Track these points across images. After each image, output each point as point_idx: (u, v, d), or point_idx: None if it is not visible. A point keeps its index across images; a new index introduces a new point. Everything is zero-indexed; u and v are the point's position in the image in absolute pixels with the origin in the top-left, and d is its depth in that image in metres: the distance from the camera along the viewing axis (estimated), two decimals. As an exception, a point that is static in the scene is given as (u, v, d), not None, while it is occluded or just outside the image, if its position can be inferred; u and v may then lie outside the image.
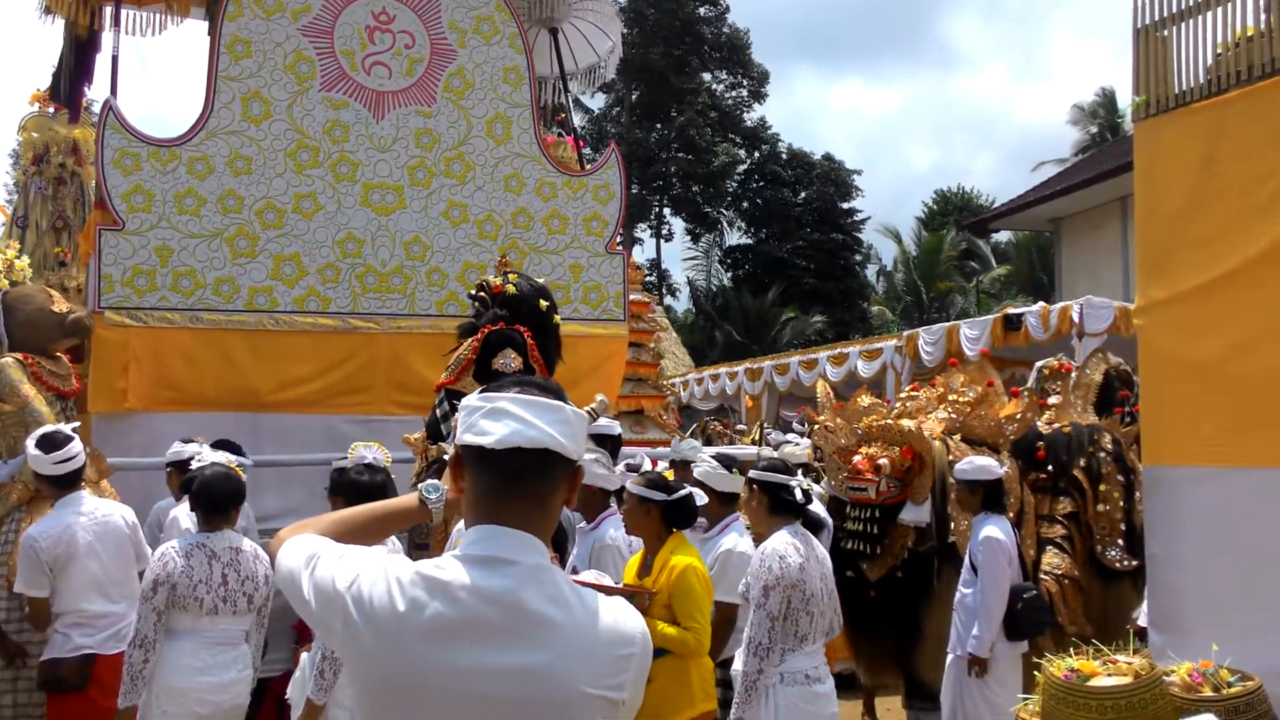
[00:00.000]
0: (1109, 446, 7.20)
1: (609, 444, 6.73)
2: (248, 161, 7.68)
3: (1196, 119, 4.95)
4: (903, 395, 7.44)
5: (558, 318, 6.61)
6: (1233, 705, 3.96)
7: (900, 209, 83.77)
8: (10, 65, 65.21)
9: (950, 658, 6.06)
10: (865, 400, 7.44)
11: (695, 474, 5.92)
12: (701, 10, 37.75)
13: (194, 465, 4.96)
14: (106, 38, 9.50)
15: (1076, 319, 10.95)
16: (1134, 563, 6.69)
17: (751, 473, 4.64)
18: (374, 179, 7.96)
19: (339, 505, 4.39)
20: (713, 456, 5.82)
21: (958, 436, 6.89)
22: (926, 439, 6.63)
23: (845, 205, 37.71)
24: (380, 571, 1.79)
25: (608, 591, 4.31)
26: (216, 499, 4.64)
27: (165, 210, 7.49)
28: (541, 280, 6.89)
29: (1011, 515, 6.68)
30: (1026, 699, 4.51)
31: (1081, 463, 7.10)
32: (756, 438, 11.79)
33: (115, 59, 8.51)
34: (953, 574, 6.46)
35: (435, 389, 6.46)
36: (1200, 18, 4.98)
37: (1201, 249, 4.90)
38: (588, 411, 6.59)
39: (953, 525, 6.57)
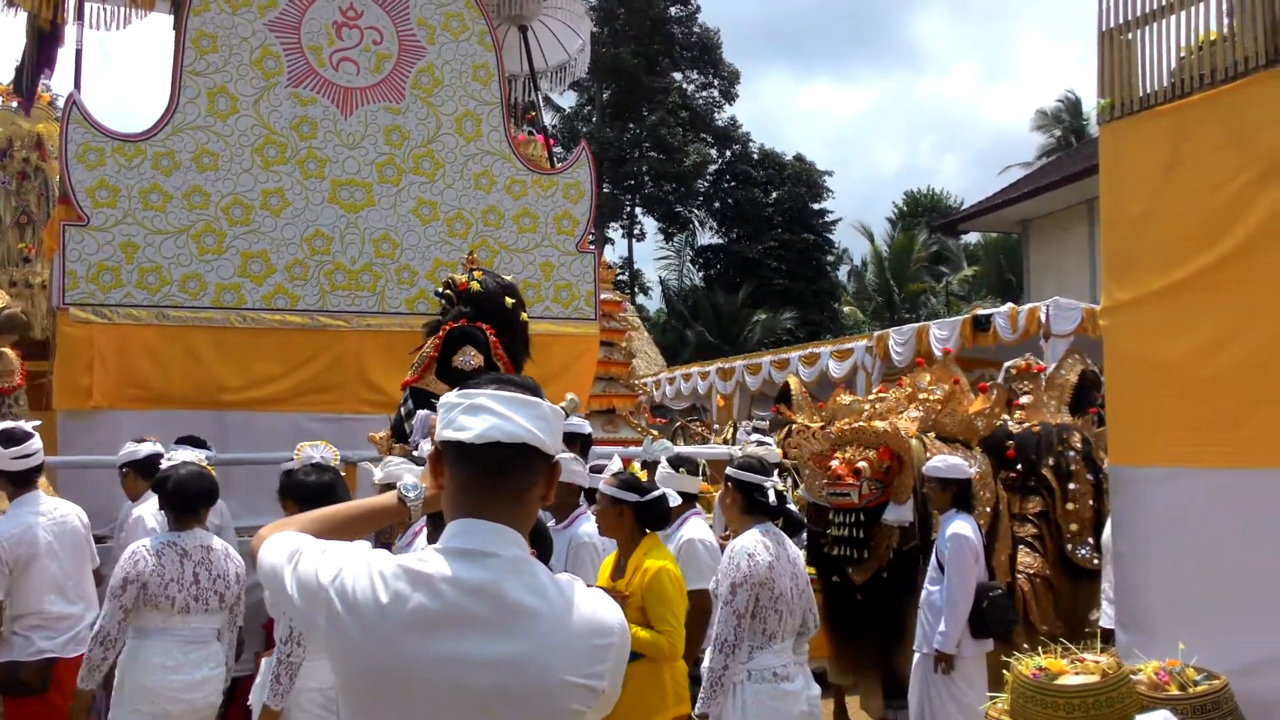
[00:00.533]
0: (1078, 445, 7.27)
1: (579, 442, 6.72)
2: (214, 157, 7.61)
3: (1161, 122, 4.99)
4: (871, 396, 7.44)
5: (525, 315, 6.59)
6: (1199, 704, 4.00)
7: (867, 210, 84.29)
8: (-26, 59, 64.39)
9: (917, 656, 6.09)
10: (846, 399, 7.44)
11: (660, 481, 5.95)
12: (672, 10, 37.76)
13: (165, 464, 4.89)
14: (70, 31, 9.40)
15: (1044, 320, 11.03)
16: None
17: (728, 470, 4.62)
18: (342, 176, 7.91)
19: (289, 507, 4.33)
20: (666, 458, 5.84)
21: (932, 434, 6.92)
22: (904, 438, 6.65)
23: (816, 206, 37.83)
24: (363, 565, 1.82)
25: None
26: (189, 498, 4.62)
27: (130, 206, 7.41)
28: (510, 278, 6.86)
29: (987, 511, 6.73)
30: (995, 697, 4.53)
31: (1050, 461, 7.18)
32: (729, 437, 11.80)
33: (79, 52, 8.45)
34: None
35: (400, 387, 6.42)
36: (1164, 21, 5.01)
37: (1165, 250, 4.94)
38: (559, 409, 6.61)
39: (935, 522, 6.59)
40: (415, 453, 5.67)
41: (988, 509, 6.81)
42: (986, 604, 5.94)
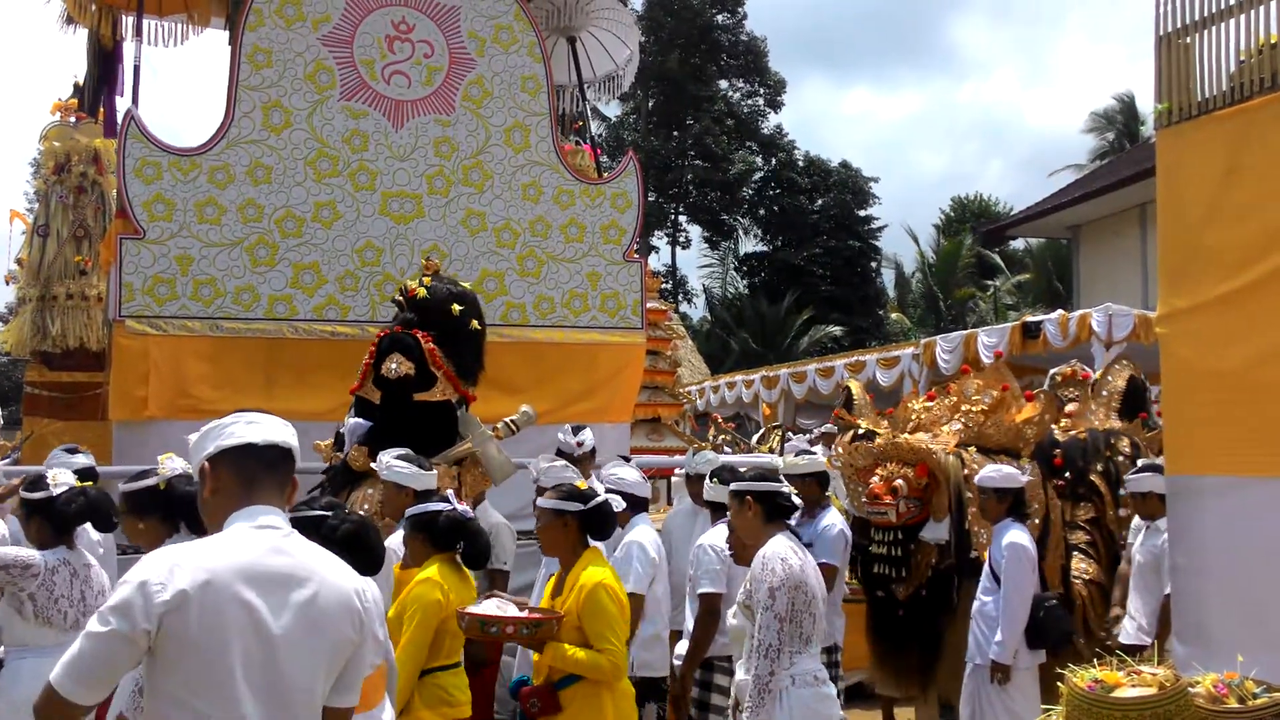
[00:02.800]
0: (1127, 450, 7.20)
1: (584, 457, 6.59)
2: (268, 170, 7.71)
3: (1219, 126, 4.92)
4: (916, 406, 7.35)
5: (476, 324, 6.52)
6: (1258, 717, 3.93)
7: (911, 216, 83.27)
8: (33, 75, 65.78)
9: (970, 667, 6.03)
10: (916, 404, 7.35)
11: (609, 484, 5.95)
12: (719, 18, 37.77)
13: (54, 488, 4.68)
14: (127, 47, 9.58)
15: (1096, 327, 10.90)
16: None
17: (738, 485, 4.45)
18: (393, 188, 7.98)
19: (152, 523, 4.13)
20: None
21: (973, 449, 6.83)
22: (939, 455, 6.56)
23: (862, 212, 37.62)
24: (163, 558, 2.28)
25: (507, 622, 4.20)
26: (72, 517, 4.57)
27: (186, 219, 7.52)
28: (466, 286, 6.82)
29: (1037, 521, 6.65)
30: (1049, 710, 4.48)
31: (1099, 468, 7.09)
32: (775, 446, 11.77)
33: (137, 68, 8.59)
34: (973, 589, 6.41)
35: (349, 394, 6.42)
36: (1223, 25, 4.95)
37: (1224, 257, 4.87)
38: (509, 422, 6.52)
39: (975, 540, 6.54)
40: (373, 465, 5.52)
41: (1037, 520, 6.73)
42: (1042, 614, 5.88)
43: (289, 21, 7.84)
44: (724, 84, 38.84)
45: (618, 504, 4.79)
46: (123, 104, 10.60)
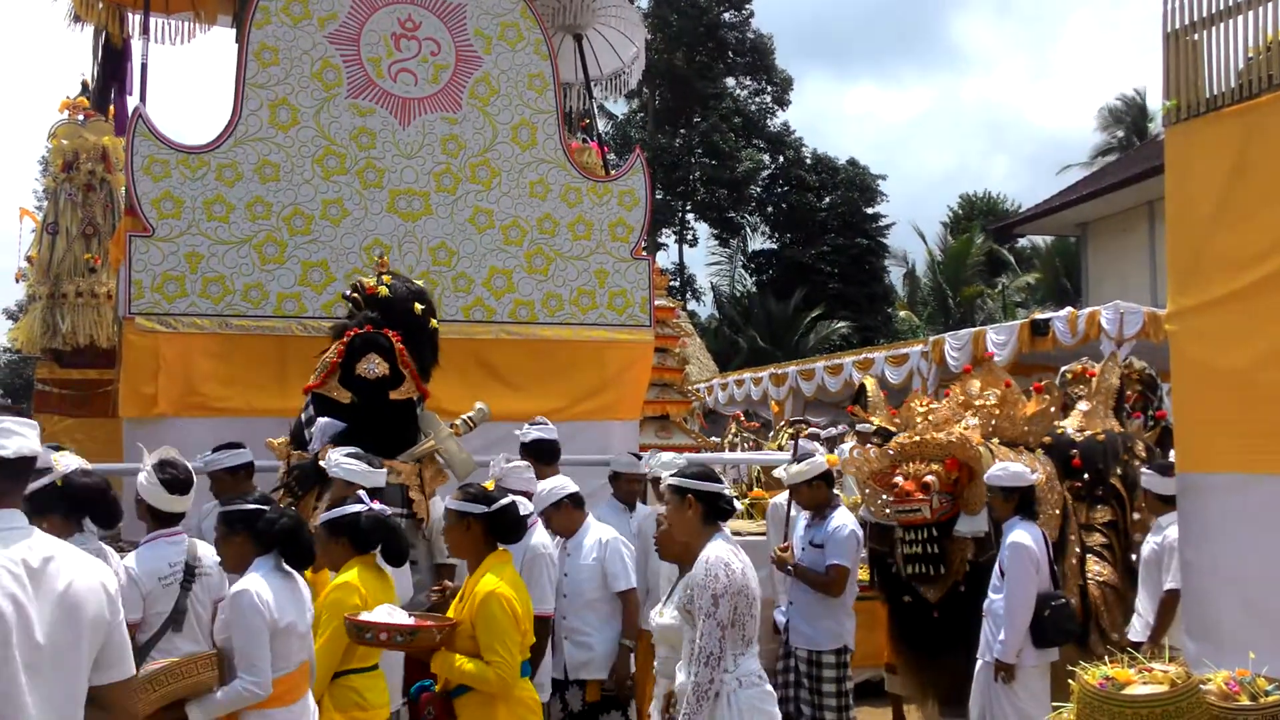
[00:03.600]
0: (1143, 454, 7.18)
1: (533, 452, 6.56)
2: (276, 168, 7.72)
3: (1228, 123, 4.91)
4: (921, 410, 7.27)
5: (434, 322, 6.53)
6: (1271, 714, 3.92)
7: (917, 213, 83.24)
8: (41, 73, 65.97)
9: (979, 664, 6.04)
10: (919, 405, 7.24)
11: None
12: (725, 16, 37.74)
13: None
14: (135, 45, 9.60)
15: (1105, 324, 10.87)
16: None
17: (680, 481, 4.30)
18: (400, 185, 7.99)
19: (54, 521, 4.09)
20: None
21: (995, 440, 6.82)
22: (972, 447, 6.50)
23: (870, 210, 37.57)
24: None
25: (381, 629, 4.17)
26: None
27: (194, 217, 7.54)
28: (421, 284, 6.79)
29: (1056, 514, 6.62)
30: (1061, 707, 4.47)
31: (1118, 470, 7.03)
32: (783, 444, 11.75)
33: (144, 66, 8.60)
34: None
35: (303, 392, 6.37)
36: (1231, 21, 4.94)
37: (1234, 255, 4.86)
38: (465, 420, 6.50)
39: None
40: (323, 463, 5.53)
41: (1056, 511, 6.68)
42: (1048, 613, 5.86)
43: (295, 19, 7.85)
44: (731, 81, 38.81)
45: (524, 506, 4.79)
46: (132, 103, 10.65)
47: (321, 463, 5.76)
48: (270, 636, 4.04)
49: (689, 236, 39.92)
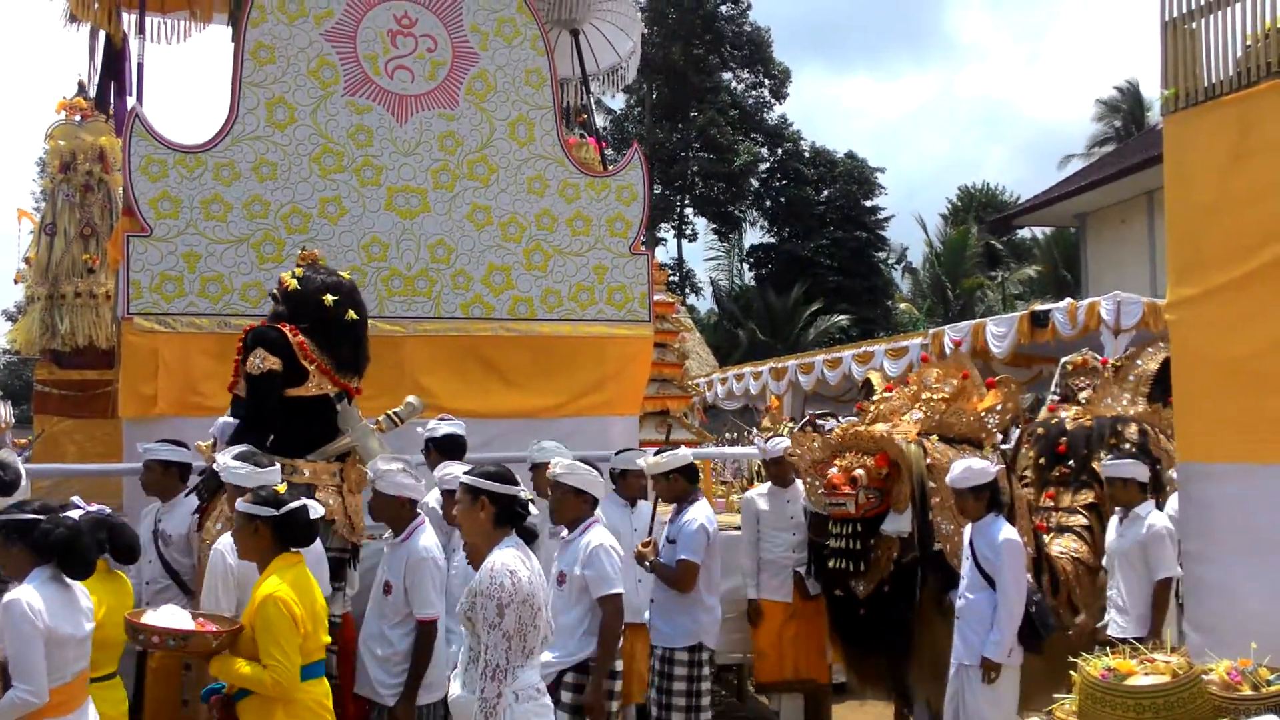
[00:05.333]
0: (1133, 437, 7.05)
1: (435, 447, 6.47)
2: (273, 167, 7.71)
3: (1226, 112, 4.90)
4: (875, 398, 7.23)
5: (353, 314, 6.26)
6: (1273, 703, 3.92)
7: (913, 204, 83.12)
8: (38, 73, 65.88)
9: (955, 667, 5.89)
10: (875, 395, 7.27)
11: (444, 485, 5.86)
12: (722, 9, 37.71)
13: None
14: (131, 44, 9.59)
15: (1105, 315, 10.87)
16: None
17: (473, 480, 4.12)
18: (398, 183, 7.98)
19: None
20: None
21: (934, 437, 6.65)
22: (900, 444, 6.39)
23: (869, 203, 37.57)
24: None
25: (154, 632, 4.13)
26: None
27: (192, 216, 7.53)
28: (345, 275, 6.54)
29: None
30: (1062, 699, 4.48)
31: (1102, 455, 6.99)
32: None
33: (140, 66, 8.59)
34: (937, 584, 6.29)
35: (228, 390, 6.30)
36: (1229, 9, 4.93)
37: (1233, 243, 4.86)
38: (392, 414, 6.40)
39: (939, 532, 6.36)
40: (217, 466, 5.35)
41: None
42: (1033, 609, 5.81)
43: (291, 17, 7.83)
44: (728, 75, 38.77)
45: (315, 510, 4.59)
46: (130, 103, 10.64)
47: (201, 462, 5.72)
48: (46, 646, 3.98)
49: (688, 231, 39.94)
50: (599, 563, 5.10)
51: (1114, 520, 6.64)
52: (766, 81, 39.09)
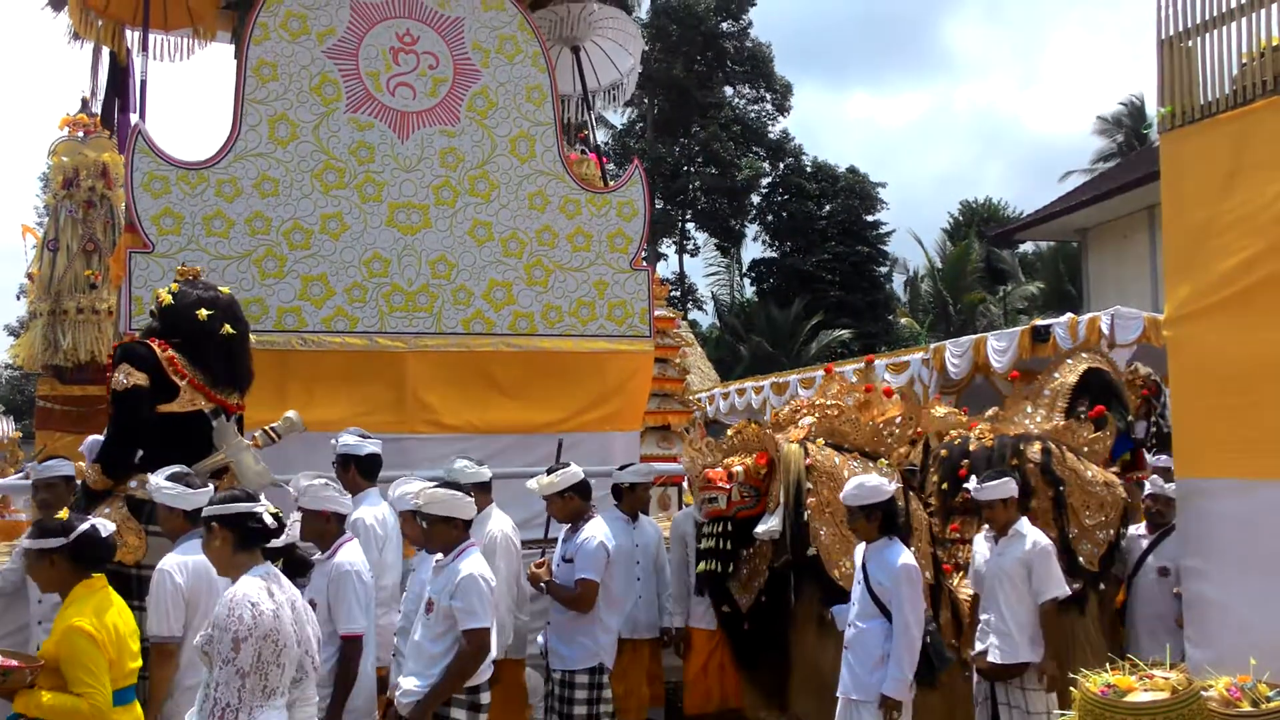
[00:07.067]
0: (1036, 458, 6.53)
1: (354, 464, 6.25)
2: (275, 183, 7.74)
3: (1223, 129, 4.93)
4: (786, 406, 7.09)
5: (229, 328, 6.12)
6: (1271, 721, 3.92)
7: (913, 219, 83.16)
8: (42, 90, 66.13)
9: (843, 701, 5.46)
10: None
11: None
12: (724, 25, 37.83)
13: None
14: (134, 62, 9.63)
15: (1105, 330, 10.86)
16: (1075, 585, 6.17)
17: (207, 510, 3.93)
18: (399, 199, 8.01)
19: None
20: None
21: (821, 440, 6.39)
22: (776, 439, 6.16)
23: (870, 218, 37.61)
24: None
25: None
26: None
27: (194, 232, 7.56)
28: (224, 290, 6.40)
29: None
30: (1062, 714, 4.47)
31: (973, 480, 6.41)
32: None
33: (144, 83, 8.63)
34: (814, 591, 6.04)
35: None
36: (1225, 28, 4.96)
37: (1229, 259, 4.88)
38: (269, 430, 6.32)
39: (815, 537, 6.05)
40: (149, 487, 5.16)
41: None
42: (930, 639, 5.43)
43: (294, 35, 7.88)
44: (730, 90, 38.88)
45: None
46: (133, 120, 10.69)
47: (89, 483, 5.61)
48: None
49: (689, 246, 39.96)
50: (468, 595, 4.82)
51: (981, 539, 6.24)
52: (768, 96, 39.17)
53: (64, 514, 4.40)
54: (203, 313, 6.04)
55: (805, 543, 6.04)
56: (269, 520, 3.89)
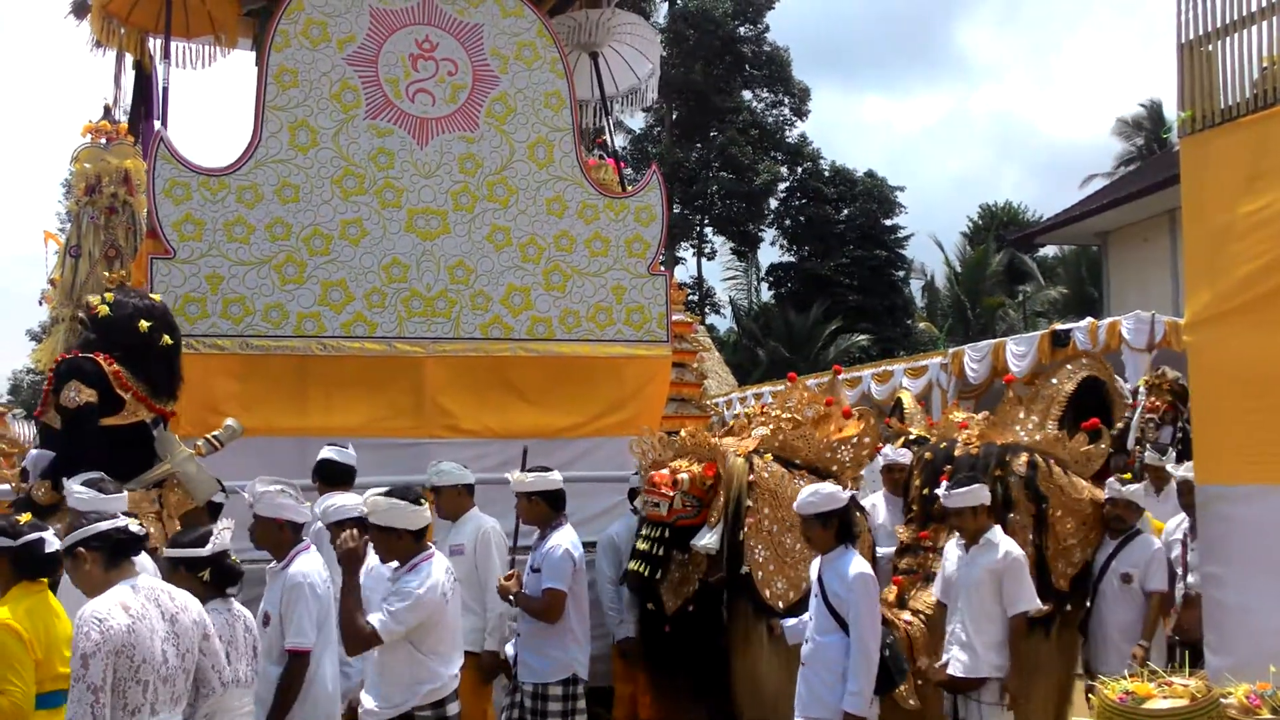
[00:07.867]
0: (1021, 470, 6.26)
1: (322, 475, 6.21)
2: (295, 189, 7.80)
3: (1243, 133, 4.91)
4: (743, 412, 7.02)
5: (168, 339, 6.09)
6: (1291, 729, 3.90)
7: (930, 223, 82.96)
8: (66, 97, 66.71)
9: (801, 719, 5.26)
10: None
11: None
12: (741, 30, 37.83)
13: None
14: (157, 69, 9.71)
15: (1126, 334, 10.84)
16: (1045, 608, 5.95)
17: (67, 538, 3.82)
18: (418, 204, 8.05)
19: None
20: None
21: (769, 455, 6.26)
22: (724, 452, 6.06)
23: (888, 222, 37.52)
24: None
25: None
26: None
27: (215, 239, 7.61)
28: (158, 299, 6.35)
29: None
30: (1079, 722, 4.46)
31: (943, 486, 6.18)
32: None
33: (165, 90, 8.71)
34: (746, 611, 5.95)
35: (33, 417, 6.24)
36: (1245, 32, 4.94)
37: (1250, 264, 4.86)
38: (211, 438, 6.24)
39: (750, 556, 5.96)
40: (66, 494, 5.04)
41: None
42: (886, 652, 5.28)
43: (314, 42, 7.93)
44: (748, 94, 38.87)
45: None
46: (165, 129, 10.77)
47: (36, 498, 5.54)
48: None
49: (707, 250, 39.95)
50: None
51: (953, 545, 6.05)
52: (786, 100, 39.14)
53: (26, 517, 4.42)
54: (143, 324, 5.98)
55: (739, 559, 5.95)
56: (135, 528, 3.81)
